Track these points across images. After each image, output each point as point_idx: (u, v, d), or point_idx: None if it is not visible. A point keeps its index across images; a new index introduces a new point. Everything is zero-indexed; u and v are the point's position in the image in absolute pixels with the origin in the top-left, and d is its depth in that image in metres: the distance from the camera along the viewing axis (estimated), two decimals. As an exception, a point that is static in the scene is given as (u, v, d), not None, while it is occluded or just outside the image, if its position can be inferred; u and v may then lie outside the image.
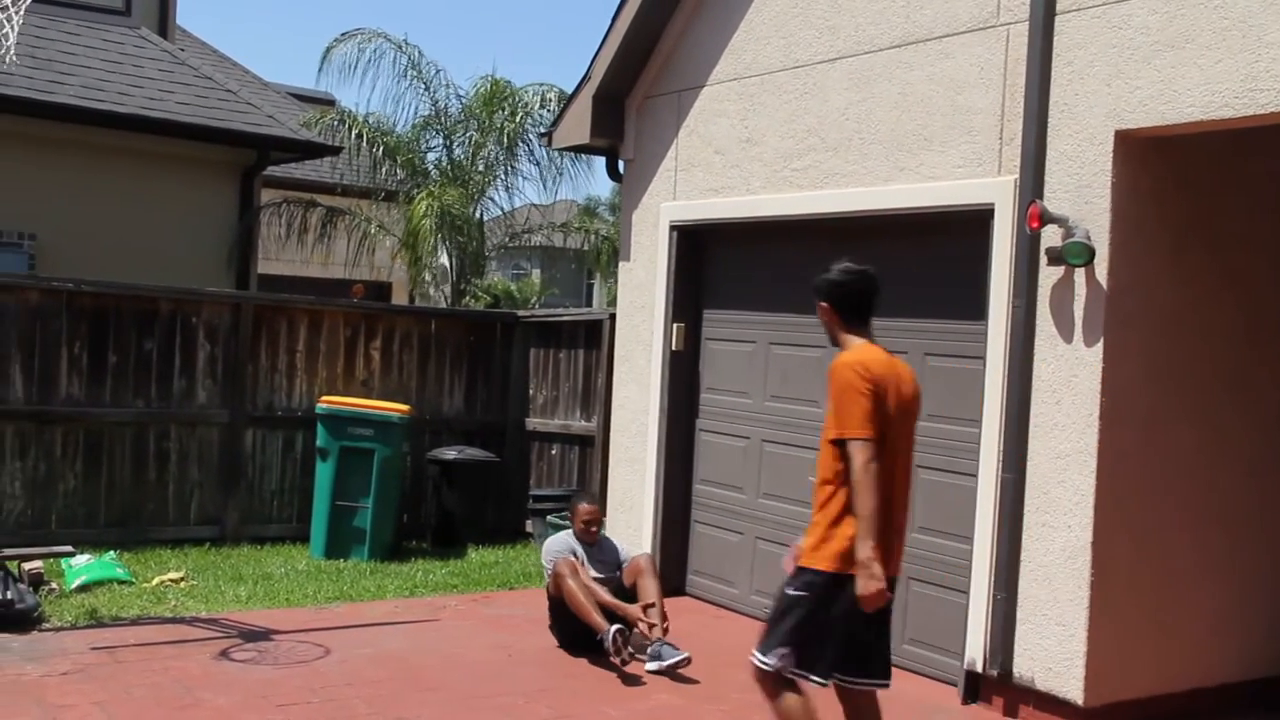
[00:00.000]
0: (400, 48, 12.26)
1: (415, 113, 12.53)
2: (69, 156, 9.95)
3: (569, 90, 8.80)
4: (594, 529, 6.09)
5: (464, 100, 12.56)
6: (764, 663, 3.82)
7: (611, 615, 5.68)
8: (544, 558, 6.04)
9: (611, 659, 5.53)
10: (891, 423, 3.70)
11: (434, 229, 11.50)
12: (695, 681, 5.59)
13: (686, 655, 5.61)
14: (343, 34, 12.30)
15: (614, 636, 5.46)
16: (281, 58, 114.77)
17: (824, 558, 3.71)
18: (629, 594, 5.90)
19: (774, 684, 3.81)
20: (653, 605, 5.72)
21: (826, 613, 3.71)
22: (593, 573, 5.95)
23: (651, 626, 5.66)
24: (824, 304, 3.93)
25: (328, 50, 12.24)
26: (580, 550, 6.02)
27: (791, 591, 3.80)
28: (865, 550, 3.57)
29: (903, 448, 3.80)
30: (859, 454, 3.58)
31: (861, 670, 3.84)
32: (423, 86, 12.39)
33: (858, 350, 3.81)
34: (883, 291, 4.08)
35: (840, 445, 3.67)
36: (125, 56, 10.66)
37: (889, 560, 3.70)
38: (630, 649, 5.45)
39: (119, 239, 9.94)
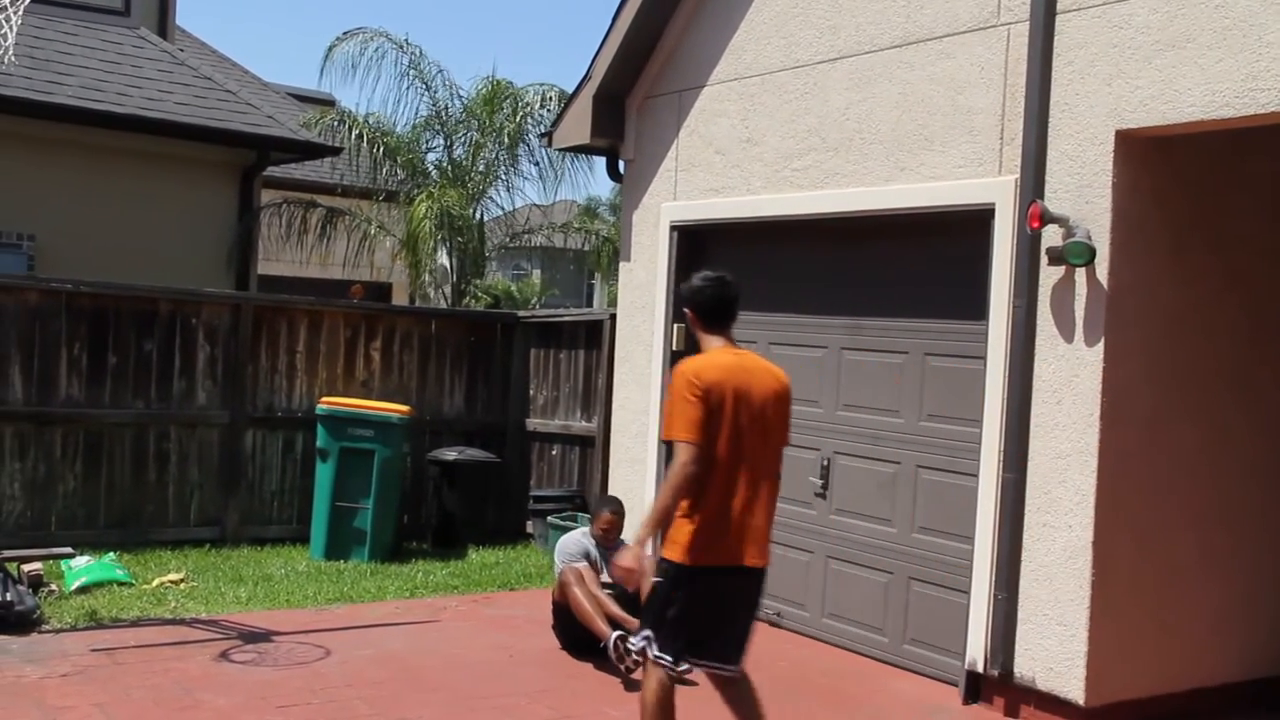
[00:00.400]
0: (402, 47, 12.30)
1: (416, 113, 12.57)
2: (68, 157, 9.99)
3: (570, 90, 8.84)
4: (611, 535, 6.14)
5: (465, 100, 12.60)
6: (635, 646, 4.13)
7: (617, 624, 5.74)
8: (556, 557, 6.08)
9: (617, 665, 5.53)
10: (739, 428, 3.91)
11: (434, 230, 11.54)
12: (694, 684, 5.62)
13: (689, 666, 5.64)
14: (344, 33, 12.36)
15: (615, 644, 5.45)
16: (281, 58, 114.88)
17: (673, 549, 3.96)
18: (634, 599, 5.89)
19: (648, 667, 4.07)
20: None
21: (680, 600, 3.96)
22: (604, 577, 5.96)
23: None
24: (685, 309, 4.19)
25: (330, 49, 12.29)
26: (595, 551, 6.04)
27: (654, 579, 4.08)
28: (640, 530, 4.00)
29: (759, 451, 3.97)
30: (679, 454, 3.86)
31: (718, 656, 4.08)
32: (423, 86, 12.43)
33: (704, 355, 4.04)
34: (878, 291, 4.11)
35: (671, 445, 3.93)
36: (124, 57, 10.70)
37: (736, 553, 3.95)
38: (635, 656, 5.45)
39: (118, 240, 9.98)
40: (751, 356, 4.14)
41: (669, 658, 3.99)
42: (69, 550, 6.83)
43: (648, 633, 4.03)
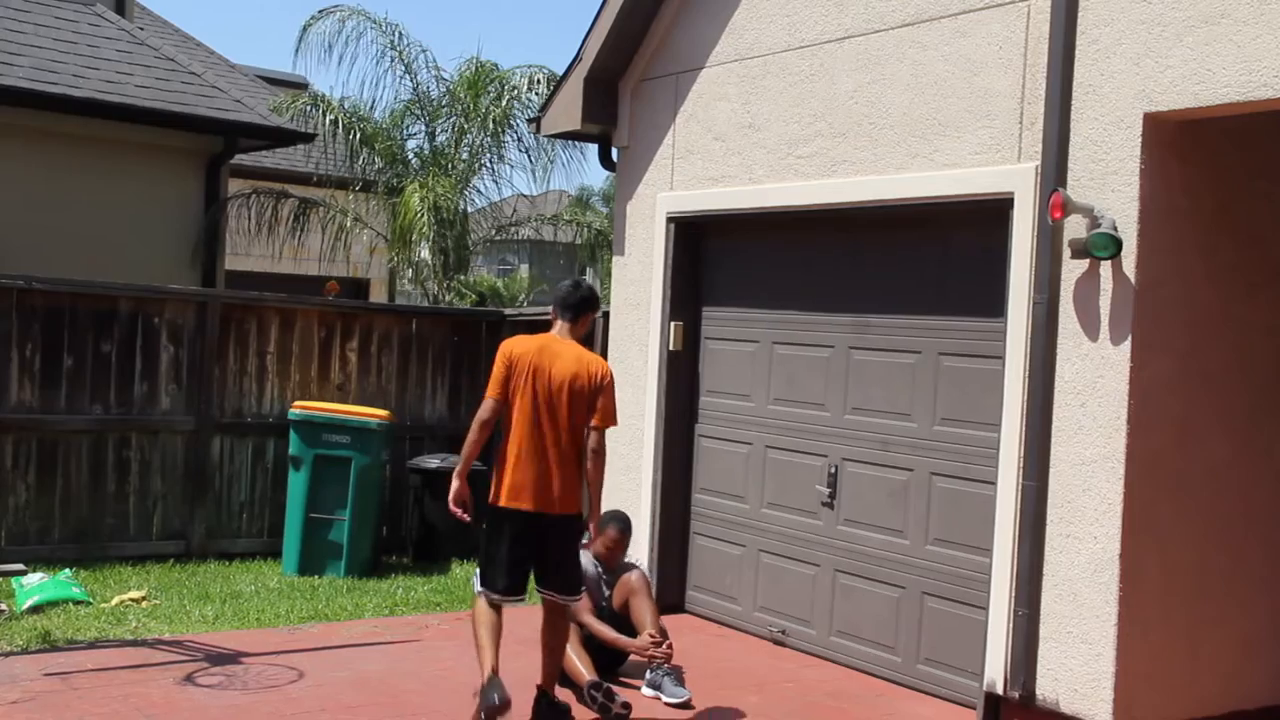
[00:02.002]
0: (380, 26, 12.27)
1: (395, 96, 12.56)
2: (18, 144, 9.92)
3: (560, 72, 8.79)
4: (617, 555, 6.05)
5: (448, 83, 12.57)
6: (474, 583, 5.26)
7: (615, 654, 5.72)
8: None
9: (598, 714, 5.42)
10: (534, 399, 5.04)
11: (431, 223, 11.50)
12: (697, 702, 5.59)
13: (688, 696, 5.60)
14: (320, 10, 12.32)
15: (589, 694, 5.33)
16: (249, 38, 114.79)
17: (492, 492, 5.11)
18: (622, 617, 5.85)
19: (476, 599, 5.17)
20: (659, 635, 5.69)
21: (492, 537, 5.12)
22: (605, 594, 5.91)
23: (651, 659, 5.64)
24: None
25: (305, 27, 12.26)
26: (595, 571, 5.94)
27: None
28: (456, 466, 5.22)
29: (547, 422, 5.05)
30: (482, 404, 5.18)
31: (505, 588, 5.10)
32: (404, 68, 12.41)
33: (529, 336, 5.23)
34: (888, 286, 4.09)
35: None
36: (80, 36, 10.64)
37: (515, 498, 5.03)
38: (621, 701, 5.38)
39: (74, 233, 9.92)
40: (567, 344, 5.18)
41: (491, 591, 5.10)
42: (20, 567, 6.77)
43: (478, 570, 5.24)
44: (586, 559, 6.05)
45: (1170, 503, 5.09)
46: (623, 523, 6.10)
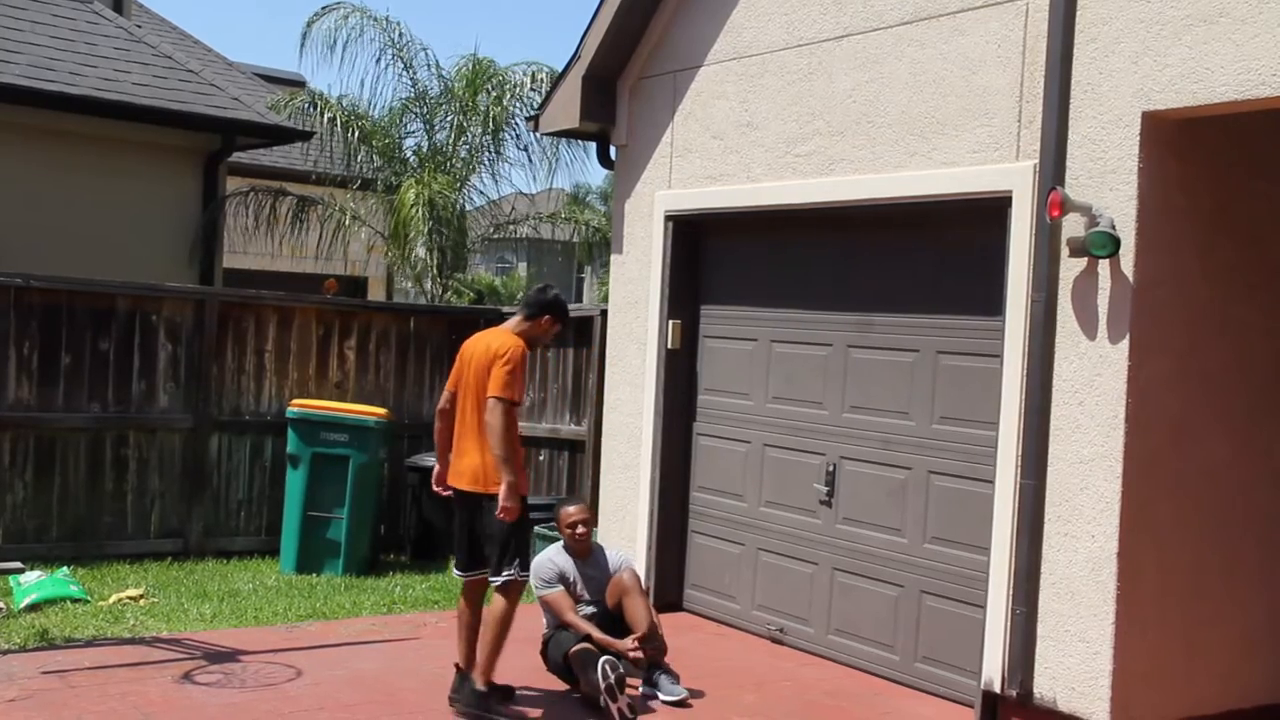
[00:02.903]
0: (380, 23, 12.26)
1: (395, 94, 12.56)
2: (15, 142, 9.92)
3: (558, 70, 8.79)
4: (581, 535, 5.87)
5: (447, 80, 12.56)
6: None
7: (603, 650, 5.67)
8: (532, 581, 5.90)
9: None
10: (463, 385, 5.43)
11: (426, 219, 11.50)
12: (695, 700, 5.59)
13: (685, 695, 5.60)
14: (323, 7, 12.33)
15: (605, 699, 5.29)
16: (247, 36, 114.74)
17: None
18: (614, 618, 5.82)
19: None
20: (644, 636, 5.65)
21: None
22: (585, 595, 5.86)
23: (636, 661, 5.62)
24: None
25: (309, 24, 12.27)
26: (571, 569, 5.88)
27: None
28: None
29: (465, 403, 5.41)
30: None
31: (459, 563, 5.57)
32: (404, 66, 12.40)
33: (481, 333, 5.65)
34: (886, 285, 4.08)
35: None
36: (77, 33, 10.64)
37: (455, 477, 5.43)
38: (628, 699, 5.38)
39: (72, 231, 9.92)
40: (494, 331, 5.54)
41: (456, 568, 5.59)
42: (18, 565, 6.79)
43: None
44: (554, 550, 6.00)
45: (1168, 502, 5.10)
46: (575, 500, 6.32)
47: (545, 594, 5.80)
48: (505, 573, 5.29)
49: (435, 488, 5.64)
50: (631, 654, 5.60)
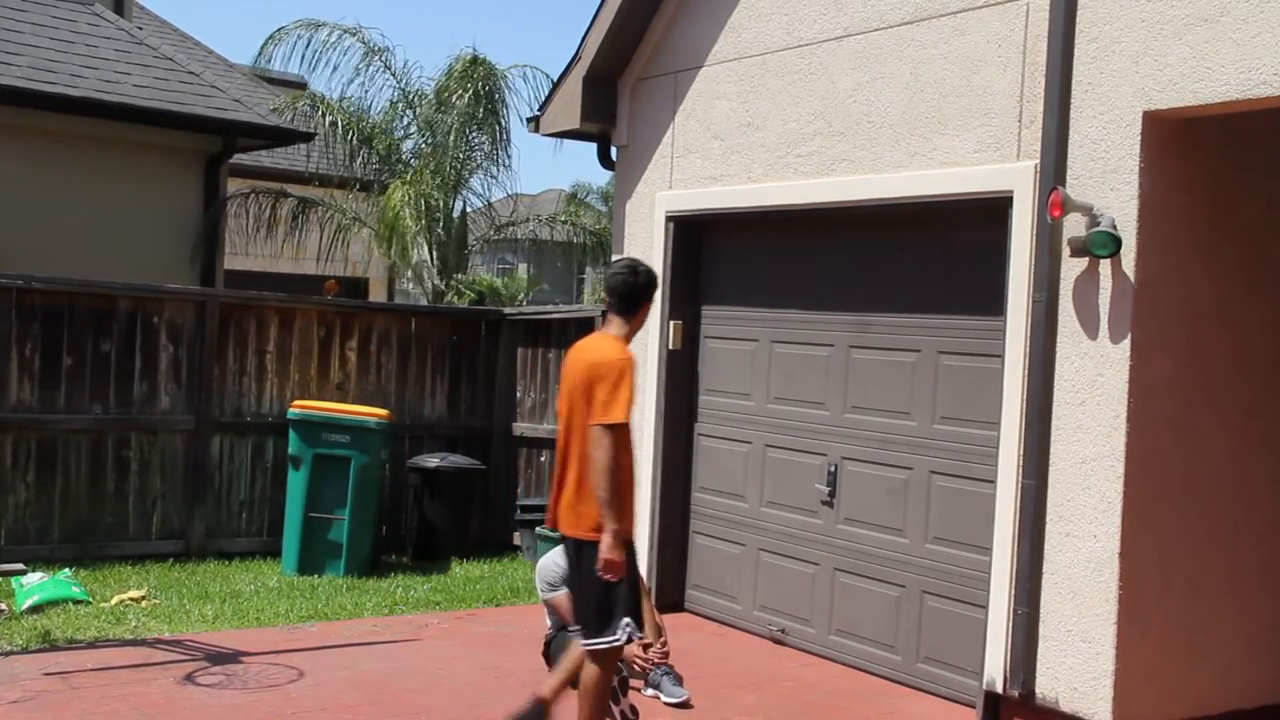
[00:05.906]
0: (354, 33, 12.31)
1: (387, 99, 12.60)
2: (16, 143, 9.91)
3: (555, 73, 8.79)
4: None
5: (437, 81, 12.59)
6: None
7: None
8: (536, 583, 5.93)
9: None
10: (568, 407, 4.53)
11: (416, 219, 11.49)
12: (697, 701, 5.59)
13: (686, 696, 5.61)
14: (279, 28, 12.45)
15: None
16: (248, 37, 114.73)
17: None
18: None
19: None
20: (649, 643, 5.66)
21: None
22: None
23: (644, 667, 5.62)
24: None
25: (262, 46, 12.44)
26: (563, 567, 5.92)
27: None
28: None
29: (572, 428, 4.53)
30: None
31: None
32: (387, 70, 12.45)
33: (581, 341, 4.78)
34: (887, 285, 4.12)
35: None
36: (78, 35, 10.63)
37: (554, 519, 4.66)
38: (630, 702, 5.37)
39: (73, 233, 9.91)
40: (593, 340, 4.64)
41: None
42: (20, 566, 6.77)
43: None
44: (558, 553, 5.97)
45: (1169, 501, 5.09)
46: None
47: (549, 596, 5.80)
48: (601, 638, 4.41)
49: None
50: (639, 661, 5.61)
